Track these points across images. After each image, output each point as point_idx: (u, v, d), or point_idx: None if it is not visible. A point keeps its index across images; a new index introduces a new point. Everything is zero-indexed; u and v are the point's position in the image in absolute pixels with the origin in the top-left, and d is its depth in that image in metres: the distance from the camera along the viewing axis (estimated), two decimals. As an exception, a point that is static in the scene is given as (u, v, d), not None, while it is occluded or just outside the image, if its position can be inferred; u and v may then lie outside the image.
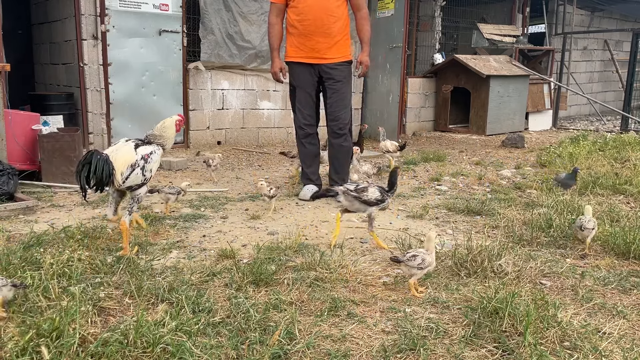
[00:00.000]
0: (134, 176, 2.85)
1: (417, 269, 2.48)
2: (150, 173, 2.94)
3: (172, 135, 3.11)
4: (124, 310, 2.24)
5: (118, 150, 2.86)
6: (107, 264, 2.67)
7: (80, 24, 6.06)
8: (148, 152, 2.93)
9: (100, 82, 6.25)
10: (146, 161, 2.90)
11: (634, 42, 9.46)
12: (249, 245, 3.17)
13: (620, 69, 12.32)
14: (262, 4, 7.05)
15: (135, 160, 2.85)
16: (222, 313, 2.20)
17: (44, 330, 1.83)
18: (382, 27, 8.16)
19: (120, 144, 2.94)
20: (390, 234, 3.44)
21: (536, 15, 11.66)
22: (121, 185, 2.84)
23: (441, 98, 9.41)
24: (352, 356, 1.96)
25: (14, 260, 2.55)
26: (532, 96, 9.87)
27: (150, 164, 2.92)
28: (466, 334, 2.08)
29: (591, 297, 2.48)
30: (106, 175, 2.73)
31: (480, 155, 7.00)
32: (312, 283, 2.54)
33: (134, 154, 2.87)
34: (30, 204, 3.82)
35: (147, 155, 2.92)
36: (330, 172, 4.59)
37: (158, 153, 2.99)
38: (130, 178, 2.84)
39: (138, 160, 2.86)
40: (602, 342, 2.04)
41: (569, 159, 5.95)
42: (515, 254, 2.91)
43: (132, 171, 2.84)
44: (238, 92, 7.37)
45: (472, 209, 4.01)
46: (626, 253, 3.02)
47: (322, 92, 4.55)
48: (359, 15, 4.45)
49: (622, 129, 9.48)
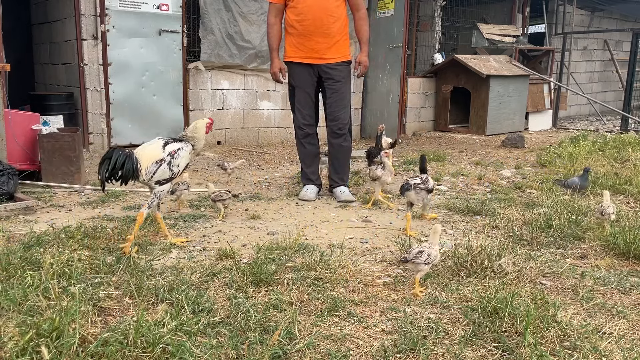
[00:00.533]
0: (160, 171, 3.01)
1: (424, 264, 2.49)
2: (178, 168, 3.08)
3: (203, 136, 3.25)
4: (124, 310, 2.24)
5: (145, 147, 3.06)
6: (107, 264, 2.67)
7: (80, 24, 6.06)
8: (176, 148, 3.08)
9: (100, 82, 6.25)
10: (173, 157, 3.05)
11: (634, 42, 9.46)
12: (249, 245, 3.17)
13: (620, 69, 12.32)
14: (262, 4, 7.05)
15: (162, 156, 3.02)
16: (222, 313, 2.20)
17: (44, 330, 1.83)
18: (382, 27, 8.16)
19: (148, 142, 3.13)
20: (390, 234, 3.44)
21: (536, 15, 11.66)
22: (149, 181, 3.00)
23: (441, 98, 9.41)
24: (352, 356, 1.95)
25: (14, 260, 2.55)
26: (532, 96, 9.87)
27: (177, 160, 3.06)
28: (466, 334, 2.08)
29: (591, 297, 2.48)
30: (128, 170, 2.90)
31: (480, 155, 7.00)
32: (312, 283, 2.54)
33: (160, 151, 3.03)
34: (30, 204, 3.82)
35: (174, 151, 3.07)
36: (330, 172, 4.60)
37: (186, 149, 3.13)
38: (158, 173, 3.00)
39: (165, 156, 3.03)
40: (602, 342, 2.04)
41: (569, 159, 5.95)
42: (515, 254, 2.91)
43: (159, 167, 3.00)
44: (238, 92, 7.37)
45: (472, 209, 4.01)
46: (626, 253, 3.02)
47: (322, 92, 4.55)
48: (358, 15, 4.45)
49: (622, 129, 9.48)
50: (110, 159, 2.89)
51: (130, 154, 2.94)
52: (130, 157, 2.92)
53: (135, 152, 3.00)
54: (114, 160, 2.88)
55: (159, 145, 3.07)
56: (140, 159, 2.97)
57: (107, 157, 2.90)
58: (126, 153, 2.93)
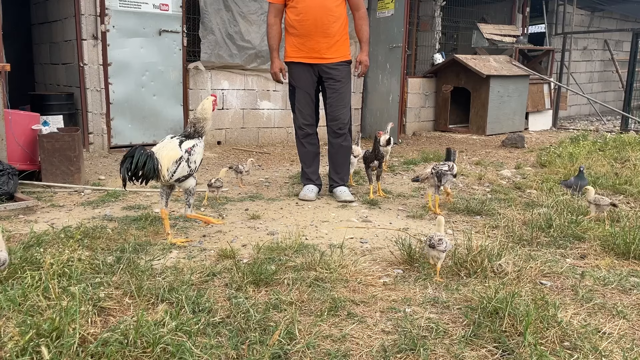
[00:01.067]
0: (180, 169, 3.13)
1: (443, 252, 2.63)
2: (195, 164, 3.20)
3: (211, 114, 3.34)
4: (124, 310, 2.23)
5: (164, 148, 3.13)
6: (107, 264, 2.67)
7: (80, 24, 6.06)
8: (191, 145, 3.19)
9: (100, 82, 6.25)
10: (190, 154, 3.16)
11: (634, 42, 9.46)
12: (249, 245, 3.17)
13: (620, 69, 12.32)
14: (262, 4, 7.05)
15: (180, 155, 3.12)
16: (222, 313, 2.20)
17: (44, 330, 1.83)
18: (382, 27, 8.16)
19: (166, 141, 3.18)
20: (390, 234, 3.44)
21: (536, 15, 11.66)
22: (170, 180, 3.11)
23: (441, 98, 9.41)
24: (352, 356, 1.96)
25: (14, 260, 2.55)
26: (532, 96, 9.86)
27: (194, 156, 3.18)
28: (466, 334, 2.08)
29: (591, 297, 2.48)
30: (149, 170, 2.99)
31: (480, 155, 7.00)
32: (312, 283, 2.54)
33: (178, 150, 3.13)
34: (30, 204, 3.82)
35: (190, 148, 3.17)
36: (330, 172, 4.60)
37: (200, 145, 3.25)
38: (178, 171, 3.12)
39: (183, 154, 3.13)
40: (602, 342, 2.04)
41: (569, 159, 5.95)
42: (515, 254, 2.91)
43: (179, 165, 3.11)
44: (238, 92, 7.37)
45: (472, 209, 4.02)
46: (626, 253, 3.02)
47: (322, 92, 4.55)
48: (358, 15, 4.45)
49: (622, 129, 9.48)
50: (132, 158, 2.95)
51: (151, 154, 3.00)
52: (151, 157, 3.00)
53: (155, 152, 3.06)
54: (135, 159, 2.95)
55: (176, 145, 3.14)
56: (161, 160, 3.05)
57: (129, 155, 2.97)
58: (147, 153, 3.00)
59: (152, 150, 3.05)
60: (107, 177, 5.12)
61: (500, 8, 11.19)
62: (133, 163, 2.94)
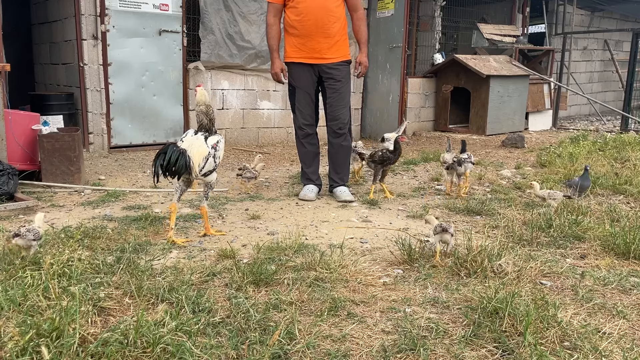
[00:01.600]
0: (207, 165, 3.25)
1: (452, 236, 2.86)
2: (219, 159, 3.36)
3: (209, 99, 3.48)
4: (124, 310, 2.23)
5: (193, 145, 3.22)
6: (107, 264, 2.67)
7: (80, 24, 6.06)
8: (215, 141, 3.32)
9: (100, 82, 6.25)
10: (215, 149, 3.30)
11: (634, 42, 9.45)
12: (249, 245, 3.17)
13: (620, 69, 12.32)
14: (262, 4, 7.05)
15: (208, 151, 3.25)
16: (222, 313, 2.20)
17: (44, 330, 1.83)
18: (382, 27, 8.16)
19: (192, 138, 3.27)
20: (390, 234, 3.44)
21: (536, 15, 11.65)
22: (198, 175, 3.23)
23: (441, 98, 9.41)
24: (352, 356, 1.95)
25: (14, 260, 2.55)
26: (532, 96, 9.86)
27: (219, 152, 3.33)
28: (466, 334, 2.08)
29: (591, 297, 2.48)
30: (181, 166, 3.09)
31: (480, 155, 7.00)
32: (312, 283, 2.54)
33: (206, 147, 3.25)
34: (30, 204, 3.82)
35: (215, 144, 3.31)
36: (330, 172, 4.60)
37: (222, 141, 3.39)
38: (206, 167, 3.24)
39: (210, 150, 3.26)
40: (602, 342, 2.04)
41: (569, 159, 5.95)
42: (515, 254, 2.91)
43: (207, 161, 3.24)
44: (238, 92, 7.37)
45: (472, 209, 4.02)
46: (626, 253, 3.02)
47: (322, 92, 4.56)
48: (356, 16, 4.45)
49: (622, 129, 9.47)
50: (165, 154, 3.06)
51: (183, 152, 3.12)
52: (183, 155, 3.11)
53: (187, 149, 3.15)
54: (168, 155, 3.05)
55: (203, 141, 3.25)
56: (193, 157, 3.16)
57: (163, 152, 3.08)
58: (180, 150, 3.11)
59: (184, 148, 3.15)
60: (107, 177, 5.13)
61: (500, 8, 11.19)
62: (165, 159, 3.05)
